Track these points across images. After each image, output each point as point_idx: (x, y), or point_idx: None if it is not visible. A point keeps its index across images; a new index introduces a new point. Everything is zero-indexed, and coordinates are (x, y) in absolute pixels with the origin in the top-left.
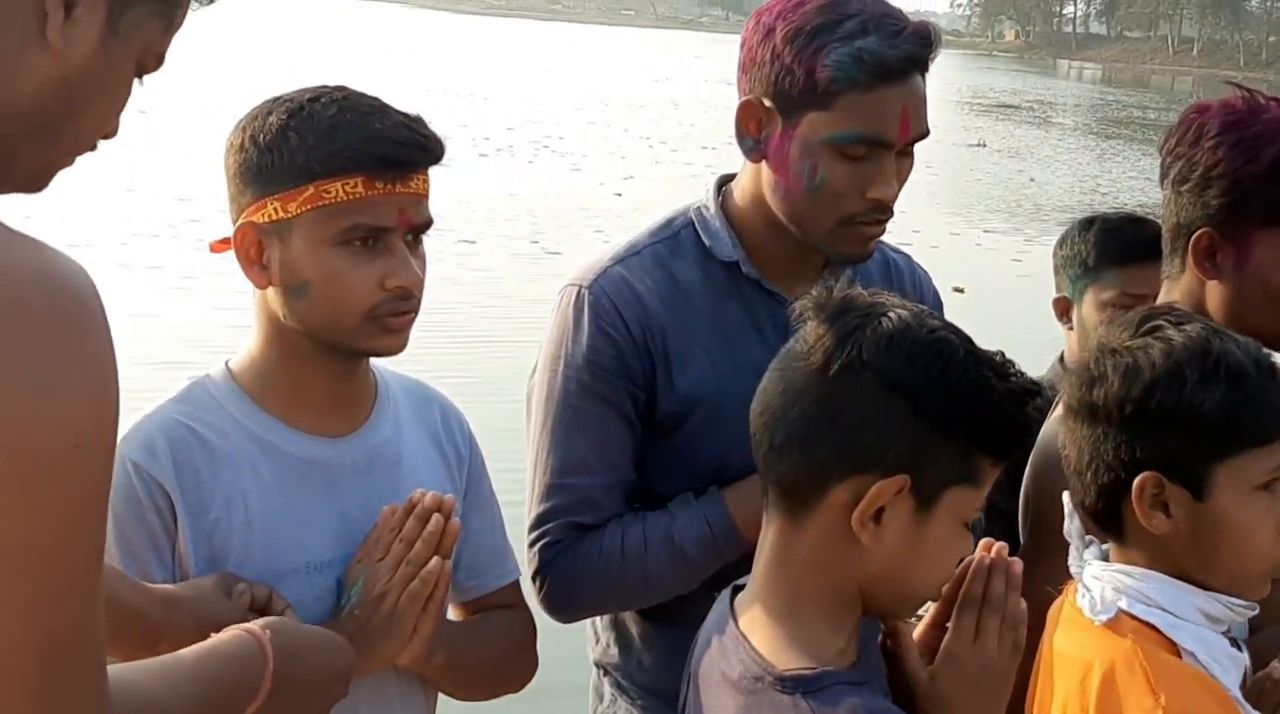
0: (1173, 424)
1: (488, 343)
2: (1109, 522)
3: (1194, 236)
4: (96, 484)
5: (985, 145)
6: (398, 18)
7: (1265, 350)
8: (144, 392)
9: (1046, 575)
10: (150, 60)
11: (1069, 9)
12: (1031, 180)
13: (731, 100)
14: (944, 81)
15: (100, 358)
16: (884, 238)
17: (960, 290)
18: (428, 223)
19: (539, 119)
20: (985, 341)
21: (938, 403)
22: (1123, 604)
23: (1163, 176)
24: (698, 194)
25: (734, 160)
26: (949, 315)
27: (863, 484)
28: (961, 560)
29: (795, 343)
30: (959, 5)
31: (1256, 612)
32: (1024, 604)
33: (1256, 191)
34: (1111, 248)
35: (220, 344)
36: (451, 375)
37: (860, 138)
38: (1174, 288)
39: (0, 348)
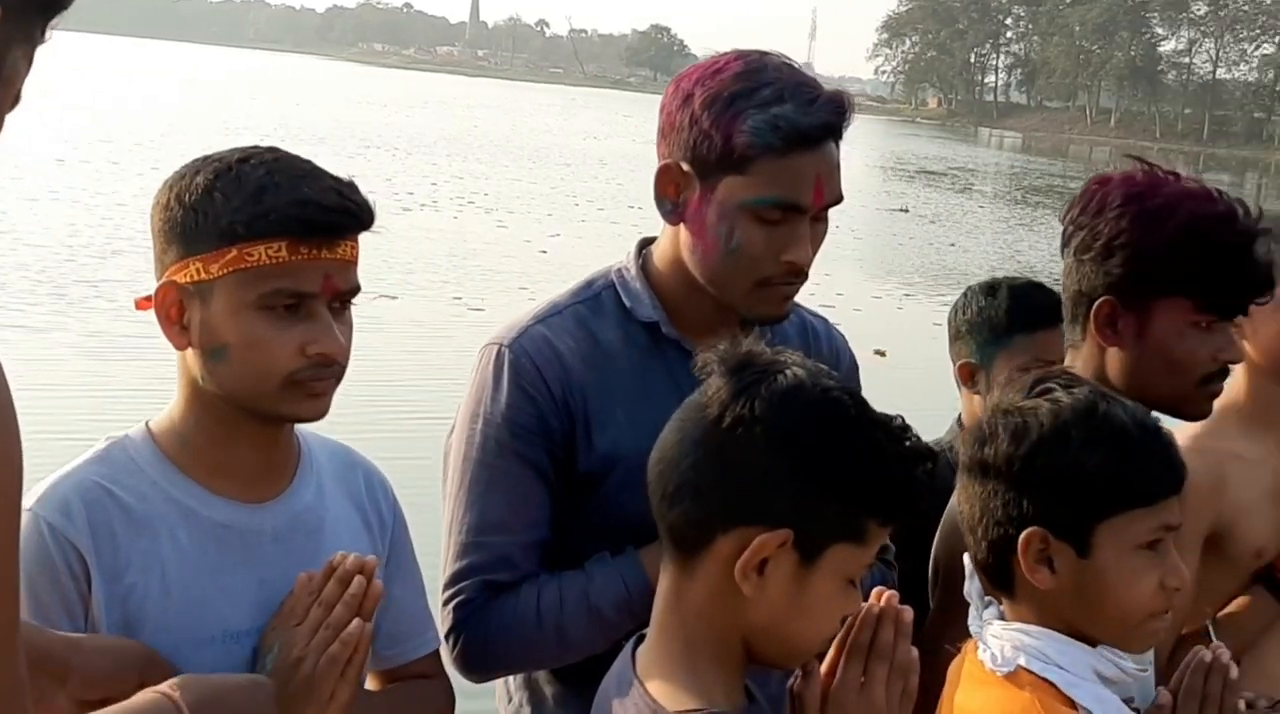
0: (1057, 483)
1: (406, 401)
2: (1000, 577)
3: (1096, 304)
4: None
5: (908, 211)
6: (321, 71)
7: (1152, 415)
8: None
9: (956, 638)
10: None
11: (990, 78)
12: (952, 246)
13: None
14: (869, 147)
15: None
16: (806, 301)
17: (882, 353)
18: (354, 288)
19: (464, 174)
20: (905, 404)
21: (824, 461)
22: (1021, 661)
23: (1064, 245)
24: (624, 253)
25: (661, 220)
26: (870, 378)
27: (747, 536)
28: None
29: (696, 395)
30: (883, 73)
31: (1148, 672)
32: (914, 652)
33: (1158, 262)
34: (1024, 313)
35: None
36: (366, 432)
37: (776, 202)
38: (1076, 355)
39: None
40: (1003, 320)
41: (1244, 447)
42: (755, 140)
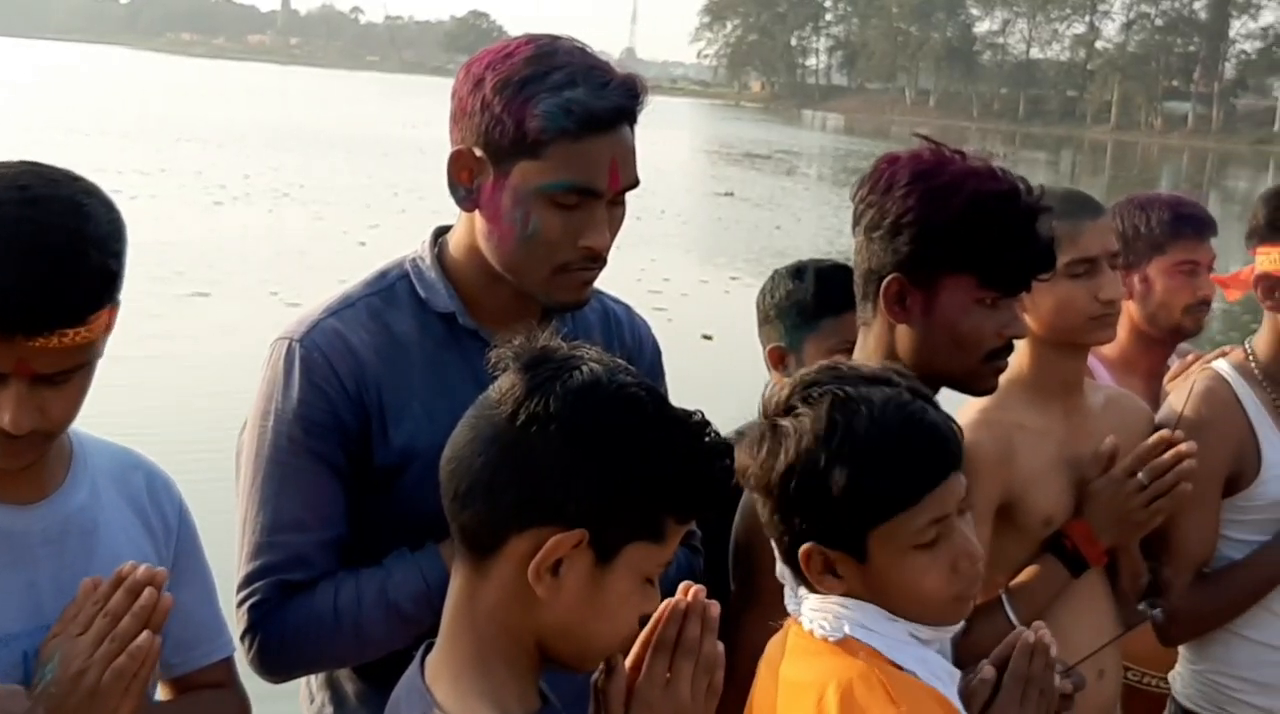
0: (816, 502)
1: (219, 402)
2: (802, 579)
3: (885, 282)
4: None
5: (734, 194)
6: (128, 62)
7: (917, 401)
8: None
9: (755, 622)
10: None
11: (812, 61)
12: (778, 228)
13: None
14: (693, 132)
15: None
16: (633, 287)
17: (709, 337)
18: (68, 368)
19: (279, 166)
20: (731, 388)
21: (620, 459)
22: (846, 629)
23: (855, 223)
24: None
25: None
26: (697, 362)
27: (541, 536)
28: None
29: (489, 392)
30: (705, 57)
31: (961, 627)
32: (720, 647)
33: (944, 239)
34: (830, 296)
35: None
36: (174, 430)
37: (571, 187)
38: (868, 332)
39: None
40: (810, 303)
41: (1030, 417)
42: (548, 125)
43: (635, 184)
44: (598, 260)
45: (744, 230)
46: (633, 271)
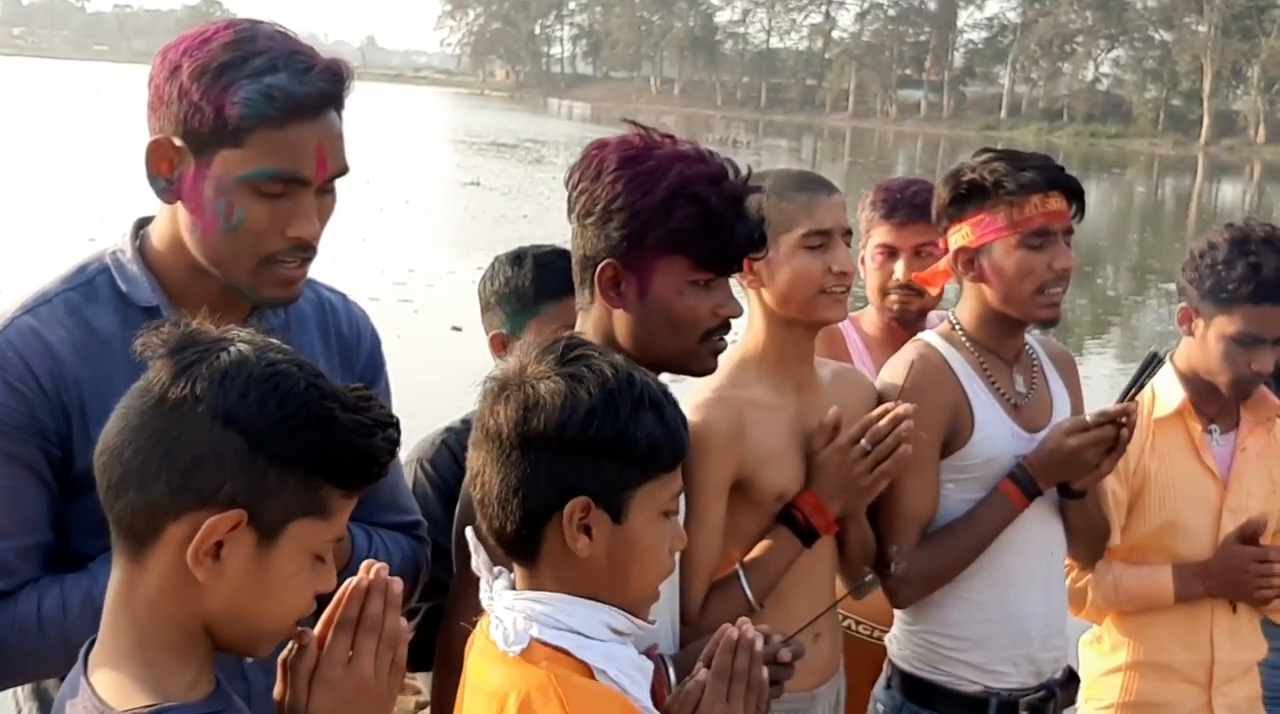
0: (607, 451)
1: None
2: (525, 547)
3: (599, 268)
4: None
5: (480, 184)
6: None
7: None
8: None
9: (473, 607)
10: None
11: (556, 49)
12: (525, 217)
13: None
14: (438, 121)
15: None
16: (378, 278)
17: (458, 329)
18: None
19: (3, 160)
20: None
21: (273, 436)
22: (534, 632)
23: (570, 211)
24: None
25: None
26: (448, 353)
27: (198, 520)
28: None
29: (139, 381)
30: (449, 45)
31: (655, 625)
32: (404, 623)
33: (653, 222)
34: (549, 281)
35: None
36: None
37: (276, 175)
38: (586, 319)
39: None
40: (529, 290)
41: (763, 394)
42: (249, 111)
43: (345, 171)
44: (308, 250)
45: (491, 220)
46: (377, 263)
